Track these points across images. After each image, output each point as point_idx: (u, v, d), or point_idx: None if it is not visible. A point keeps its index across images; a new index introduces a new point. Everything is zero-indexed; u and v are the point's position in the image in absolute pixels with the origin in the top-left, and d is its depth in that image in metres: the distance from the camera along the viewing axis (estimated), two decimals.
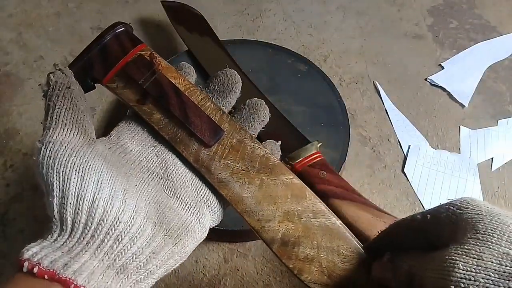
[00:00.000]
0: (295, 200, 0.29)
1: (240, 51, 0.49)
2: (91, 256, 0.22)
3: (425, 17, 0.60)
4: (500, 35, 0.58)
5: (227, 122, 0.30)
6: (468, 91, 0.52)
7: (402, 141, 0.48)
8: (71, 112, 0.26)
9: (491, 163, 0.47)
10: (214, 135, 0.29)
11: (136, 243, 0.23)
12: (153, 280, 0.24)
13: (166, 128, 0.30)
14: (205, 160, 0.29)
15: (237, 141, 0.29)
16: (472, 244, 0.20)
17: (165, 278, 0.39)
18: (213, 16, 0.58)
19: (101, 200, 0.23)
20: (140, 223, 0.24)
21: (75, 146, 0.24)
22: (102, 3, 0.60)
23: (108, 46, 0.30)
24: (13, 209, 0.42)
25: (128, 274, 0.23)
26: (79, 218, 0.23)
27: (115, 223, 0.23)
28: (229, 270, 0.40)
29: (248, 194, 0.28)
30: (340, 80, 0.53)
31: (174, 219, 0.25)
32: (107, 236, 0.23)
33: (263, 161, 0.29)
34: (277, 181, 0.29)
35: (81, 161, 0.24)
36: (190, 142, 0.29)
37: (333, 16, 0.60)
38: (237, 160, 0.29)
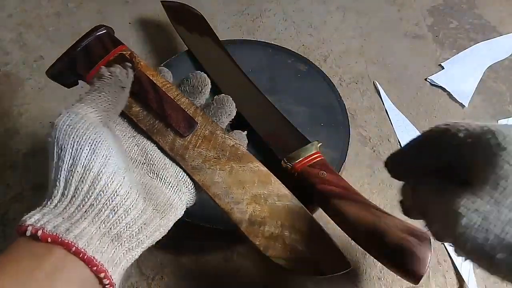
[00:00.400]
0: (262, 185, 0.32)
1: (240, 51, 0.49)
2: (89, 224, 0.24)
3: (425, 17, 0.60)
4: (500, 35, 0.58)
5: (200, 116, 0.33)
6: (468, 91, 0.52)
7: (402, 141, 0.48)
8: (106, 103, 0.29)
9: None
10: (188, 126, 0.32)
11: (129, 214, 0.26)
12: (142, 249, 0.27)
13: (144, 120, 0.33)
14: (179, 149, 0.32)
15: (209, 132, 0.33)
16: (486, 195, 0.21)
17: (165, 278, 0.39)
18: (213, 16, 0.58)
19: (105, 174, 0.25)
20: (134, 197, 0.26)
21: (92, 123, 0.27)
22: (102, 3, 0.60)
23: (91, 46, 0.33)
24: (13, 209, 0.42)
25: (121, 242, 0.25)
26: (82, 186, 0.25)
27: (112, 196, 0.25)
28: (229, 270, 0.40)
29: (219, 179, 0.32)
30: (340, 80, 0.53)
31: (160, 196, 0.28)
32: (105, 206, 0.25)
33: (232, 150, 0.33)
34: (245, 168, 0.32)
35: (95, 136, 0.26)
36: (167, 132, 0.32)
37: (333, 16, 0.60)
38: (209, 149, 0.32)
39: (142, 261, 0.40)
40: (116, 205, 0.25)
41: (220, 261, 0.40)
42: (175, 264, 0.40)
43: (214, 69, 0.47)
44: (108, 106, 0.29)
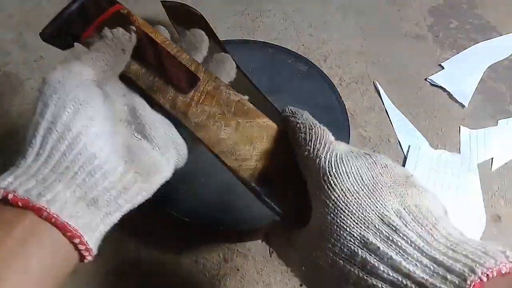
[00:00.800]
0: (272, 140, 0.30)
1: (240, 51, 0.49)
2: (64, 187, 0.23)
3: (425, 17, 0.60)
4: (500, 35, 0.58)
5: (202, 72, 0.31)
6: (468, 91, 0.52)
7: (402, 141, 0.48)
8: (104, 63, 0.28)
9: (491, 163, 0.47)
10: (190, 82, 0.31)
11: (108, 179, 0.25)
12: (121, 213, 0.26)
13: (143, 78, 0.31)
14: (181, 106, 0.30)
15: (213, 88, 0.31)
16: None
17: (165, 278, 0.39)
18: (213, 16, 0.58)
19: (86, 136, 0.24)
20: (114, 161, 0.25)
21: (84, 82, 0.26)
22: None
23: (86, 5, 0.32)
24: None
25: (99, 207, 0.24)
26: (59, 147, 0.24)
27: (91, 159, 0.24)
28: (229, 270, 0.40)
29: (225, 136, 0.30)
30: (340, 80, 0.53)
31: (145, 159, 0.27)
32: (81, 169, 0.24)
33: (238, 106, 0.31)
34: (253, 123, 0.30)
35: (83, 96, 0.25)
36: (167, 89, 0.31)
37: (333, 16, 0.60)
38: (213, 105, 0.30)
39: (142, 261, 0.40)
40: (94, 168, 0.24)
41: (220, 261, 0.40)
42: (175, 264, 0.40)
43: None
44: (105, 67, 0.28)
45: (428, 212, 0.23)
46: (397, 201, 0.23)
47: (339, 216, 0.23)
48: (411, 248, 0.21)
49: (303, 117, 0.29)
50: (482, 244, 0.21)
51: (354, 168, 0.24)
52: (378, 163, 0.25)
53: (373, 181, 0.24)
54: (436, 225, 0.22)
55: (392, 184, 0.24)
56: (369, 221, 0.22)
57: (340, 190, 0.23)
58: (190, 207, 0.39)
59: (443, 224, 0.22)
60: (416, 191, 0.24)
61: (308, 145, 0.27)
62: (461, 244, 0.21)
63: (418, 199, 0.23)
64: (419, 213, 0.22)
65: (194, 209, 0.39)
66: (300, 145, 0.27)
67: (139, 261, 0.40)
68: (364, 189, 0.23)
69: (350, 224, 0.22)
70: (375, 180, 0.24)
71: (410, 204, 0.23)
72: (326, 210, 0.23)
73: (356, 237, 0.22)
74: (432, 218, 0.22)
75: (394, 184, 0.24)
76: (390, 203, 0.23)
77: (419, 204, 0.23)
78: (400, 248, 0.21)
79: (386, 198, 0.23)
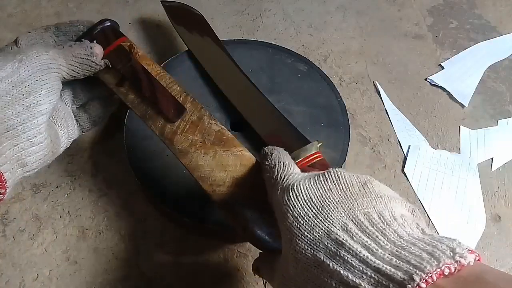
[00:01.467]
0: (243, 168, 0.33)
1: (240, 51, 0.49)
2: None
3: (425, 17, 0.60)
4: (500, 35, 0.58)
5: (189, 102, 0.35)
6: (468, 91, 0.52)
7: (402, 141, 0.48)
8: (75, 67, 0.35)
9: (491, 163, 0.47)
10: (177, 112, 0.35)
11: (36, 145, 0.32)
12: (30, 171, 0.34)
13: (138, 107, 0.36)
14: (169, 133, 0.34)
15: (197, 118, 0.35)
16: None
17: (165, 278, 0.39)
18: (213, 16, 0.58)
19: (43, 110, 0.32)
20: (43, 134, 0.33)
21: (56, 74, 0.34)
22: (102, 3, 0.60)
23: (96, 37, 0.37)
24: (13, 209, 0.42)
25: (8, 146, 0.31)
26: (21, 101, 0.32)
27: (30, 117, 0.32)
28: (229, 270, 0.40)
29: (203, 162, 0.33)
30: (340, 80, 0.53)
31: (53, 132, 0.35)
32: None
33: (218, 135, 0.34)
34: (229, 152, 0.34)
35: (56, 85, 0.33)
36: (158, 118, 0.35)
37: (333, 16, 0.60)
38: (195, 134, 0.34)
39: (142, 261, 0.40)
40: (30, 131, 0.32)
41: (220, 261, 0.40)
42: (175, 264, 0.40)
43: (214, 69, 0.47)
44: (74, 74, 0.35)
45: (379, 218, 0.23)
46: (344, 214, 0.24)
47: (294, 241, 0.24)
48: (357, 261, 0.21)
49: (271, 156, 0.31)
50: (432, 243, 0.21)
51: (304, 191, 0.26)
52: (330, 179, 0.26)
53: (321, 199, 0.25)
54: (385, 230, 0.22)
55: (341, 198, 0.25)
56: (319, 240, 0.23)
57: (293, 215, 0.25)
58: (190, 206, 0.39)
59: (394, 227, 0.22)
60: (368, 199, 0.24)
61: (270, 181, 0.29)
62: (407, 247, 0.21)
63: (369, 206, 0.24)
64: (367, 222, 0.23)
65: (194, 208, 0.39)
66: (267, 182, 0.30)
67: (138, 261, 0.40)
68: (313, 209, 0.24)
69: (304, 246, 0.23)
70: (323, 197, 0.25)
71: (358, 214, 0.23)
72: (285, 237, 0.25)
73: (311, 258, 0.23)
74: (381, 223, 0.23)
75: (344, 197, 0.25)
76: (337, 218, 0.23)
77: (369, 212, 0.24)
78: (347, 262, 0.21)
79: (333, 214, 0.24)
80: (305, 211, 0.25)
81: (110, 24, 0.38)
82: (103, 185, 0.44)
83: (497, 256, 0.41)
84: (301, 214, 0.25)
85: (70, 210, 0.42)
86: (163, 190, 0.40)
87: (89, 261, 0.40)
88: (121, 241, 0.41)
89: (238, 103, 0.44)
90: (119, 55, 0.37)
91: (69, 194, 0.43)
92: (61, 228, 0.42)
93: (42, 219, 0.42)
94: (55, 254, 0.40)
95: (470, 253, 0.20)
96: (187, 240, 0.41)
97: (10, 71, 0.32)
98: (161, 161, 0.41)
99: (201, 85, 0.47)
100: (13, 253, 0.40)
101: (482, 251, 0.41)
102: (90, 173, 0.45)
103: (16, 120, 0.32)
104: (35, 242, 0.41)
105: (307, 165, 0.38)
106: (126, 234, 0.41)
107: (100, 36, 0.37)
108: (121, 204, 0.43)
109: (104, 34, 0.37)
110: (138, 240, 0.41)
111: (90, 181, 0.44)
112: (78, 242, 0.41)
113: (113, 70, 0.36)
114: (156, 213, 0.42)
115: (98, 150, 0.46)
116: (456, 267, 0.19)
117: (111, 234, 0.41)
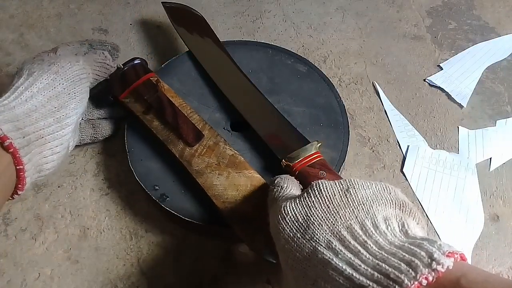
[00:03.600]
0: (253, 188, 0.37)
1: (240, 52, 0.50)
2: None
3: (423, 18, 0.60)
4: (499, 36, 0.58)
5: (207, 130, 0.40)
6: (467, 91, 0.52)
7: (401, 141, 0.48)
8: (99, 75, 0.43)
9: (490, 163, 0.47)
10: (196, 138, 0.39)
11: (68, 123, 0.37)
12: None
13: (161, 132, 0.40)
14: (187, 156, 0.39)
15: (213, 143, 0.40)
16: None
17: (166, 278, 0.39)
18: (213, 17, 0.59)
19: (69, 117, 0.37)
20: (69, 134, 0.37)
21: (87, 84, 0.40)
22: (103, 4, 0.60)
23: (127, 73, 0.43)
24: (15, 209, 0.43)
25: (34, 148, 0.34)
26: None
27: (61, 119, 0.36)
28: (229, 270, 0.40)
29: (217, 182, 0.37)
30: (339, 80, 0.53)
31: (68, 149, 0.39)
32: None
33: (231, 159, 0.39)
34: (241, 174, 0.38)
35: (84, 94, 0.39)
36: (178, 142, 0.40)
37: (332, 17, 0.60)
38: (211, 157, 0.39)
39: (143, 260, 0.40)
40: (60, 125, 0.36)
41: (220, 261, 0.40)
42: (175, 264, 0.40)
43: (214, 69, 0.48)
44: (97, 75, 0.41)
45: (361, 229, 0.24)
46: (328, 231, 0.24)
47: (290, 262, 0.25)
48: (342, 279, 0.22)
49: (274, 182, 0.33)
50: (411, 250, 0.21)
51: (291, 212, 0.27)
52: (313, 194, 0.27)
53: (306, 217, 0.26)
54: (365, 243, 0.23)
55: (324, 214, 0.25)
56: (309, 260, 0.24)
57: (284, 238, 0.26)
58: (190, 206, 0.39)
59: (375, 237, 0.23)
60: (350, 209, 0.25)
61: (269, 204, 0.32)
62: (387, 260, 0.21)
63: (351, 218, 0.25)
64: (349, 236, 0.24)
65: (194, 208, 0.39)
66: (268, 204, 0.32)
67: (139, 260, 0.40)
68: (301, 230, 0.25)
69: (298, 267, 0.24)
70: (308, 216, 0.26)
71: (341, 228, 0.24)
72: (281, 256, 0.26)
73: (307, 276, 0.24)
74: (363, 236, 0.23)
75: (327, 212, 0.25)
76: (323, 235, 0.24)
77: (351, 224, 0.24)
78: (334, 280, 0.22)
79: (318, 231, 0.25)
80: (294, 232, 0.25)
81: (140, 62, 0.44)
82: (104, 185, 0.44)
83: (495, 256, 0.41)
84: (291, 235, 0.25)
85: (72, 210, 0.43)
86: (163, 190, 0.40)
87: (90, 261, 0.40)
88: (122, 240, 0.41)
89: (238, 104, 0.45)
90: (147, 87, 0.42)
91: (71, 194, 0.44)
92: (62, 227, 0.42)
93: (44, 218, 0.42)
94: (56, 254, 0.40)
95: (449, 256, 0.20)
96: (187, 240, 0.41)
97: (46, 83, 0.35)
98: (161, 161, 0.42)
99: (201, 85, 0.47)
100: (14, 253, 0.40)
101: (481, 251, 0.42)
102: (92, 173, 0.45)
103: (46, 130, 0.34)
104: (37, 241, 0.41)
105: (307, 165, 0.38)
106: (127, 234, 0.41)
107: (131, 71, 0.43)
108: (122, 204, 0.43)
109: (134, 70, 0.43)
110: (138, 239, 0.41)
111: (91, 181, 0.45)
112: (80, 242, 0.41)
113: (140, 100, 0.42)
114: (157, 213, 0.43)
115: (100, 151, 0.46)
116: (434, 276, 0.20)
117: (112, 234, 0.42)
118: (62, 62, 0.37)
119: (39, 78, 0.35)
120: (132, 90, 0.42)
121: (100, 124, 0.44)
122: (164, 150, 0.41)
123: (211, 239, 0.41)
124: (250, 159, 0.41)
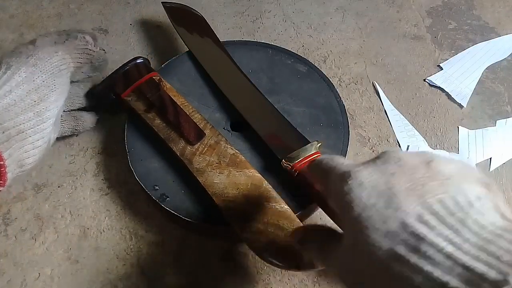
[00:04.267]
0: (254, 187, 0.37)
1: (240, 52, 0.50)
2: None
3: (423, 18, 0.60)
4: (499, 36, 0.58)
5: (209, 129, 0.40)
6: (467, 91, 0.52)
7: (401, 141, 0.48)
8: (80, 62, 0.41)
9: (489, 163, 0.47)
10: (198, 137, 0.39)
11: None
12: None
13: (163, 130, 0.40)
14: (188, 154, 0.39)
15: (215, 142, 0.39)
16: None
17: (166, 278, 0.39)
18: (213, 17, 0.59)
19: (49, 109, 0.36)
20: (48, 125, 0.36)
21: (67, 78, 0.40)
22: (103, 4, 0.60)
23: (129, 72, 0.43)
24: (15, 209, 0.43)
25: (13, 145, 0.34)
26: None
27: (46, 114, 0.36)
28: (229, 270, 0.40)
29: (218, 180, 0.37)
30: (339, 80, 0.53)
31: (49, 142, 0.38)
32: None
33: (232, 158, 0.39)
34: (241, 173, 0.38)
35: (65, 86, 0.38)
36: (180, 141, 0.40)
37: (332, 17, 0.60)
38: (212, 155, 0.39)
39: (143, 260, 0.40)
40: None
41: (220, 261, 0.40)
42: (175, 264, 0.40)
43: (214, 69, 0.48)
44: (77, 62, 0.40)
45: (455, 205, 0.21)
46: (418, 203, 0.21)
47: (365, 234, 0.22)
48: (442, 257, 0.19)
49: (319, 159, 0.29)
50: None
51: (369, 178, 0.23)
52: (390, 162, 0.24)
53: (388, 186, 0.23)
54: (464, 220, 0.20)
55: (409, 184, 0.22)
56: (395, 233, 0.21)
57: (359, 206, 0.23)
58: (190, 206, 0.39)
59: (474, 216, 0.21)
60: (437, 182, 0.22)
61: (323, 174, 0.28)
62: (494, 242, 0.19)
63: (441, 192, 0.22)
64: (443, 211, 0.21)
65: (194, 208, 0.39)
66: (320, 176, 0.29)
67: (139, 260, 0.40)
68: (382, 199, 0.22)
69: (378, 239, 0.21)
70: (390, 184, 0.23)
71: (431, 201, 0.21)
72: (352, 228, 0.23)
73: (388, 251, 0.21)
74: (459, 212, 0.21)
75: (411, 182, 0.22)
76: (411, 208, 0.21)
77: (443, 198, 0.21)
78: (430, 258, 0.20)
79: (406, 203, 0.22)
80: (372, 201, 0.22)
81: (143, 61, 0.44)
82: (104, 185, 0.44)
83: None
84: (371, 202, 0.22)
85: (72, 210, 0.43)
86: (163, 190, 0.40)
87: (91, 261, 0.40)
88: (122, 240, 0.41)
89: (238, 104, 0.45)
90: (149, 86, 0.42)
91: (71, 194, 0.44)
92: (62, 227, 0.42)
93: (44, 218, 0.42)
94: (56, 254, 0.40)
95: None
96: (187, 240, 0.41)
97: (24, 76, 0.34)
98: (161, 161, 0.42)
99: (201, 85, 0.47)
100: (14, 253, 0.40)
101: None
102: (92, 173, 0.45)
103: (26, 125, 0.33)
104: (37, 241, 0.41)
105: (307, 165, 0.38)
106: (127, 234, 0.42)
107: (134, 70, 0.43)
108: (122, 203, 0.43)
109: (137, 68, 0.43)
110: (138, 239, 0.41)
111: (91, 181, 0.45)
112: (80, 242, 0.41)
113: (142, 98, 0.42)
114: (157, 213, 0.43)
115: (99, 150, 0.46)
116: None
117: (112, 234, 0.42)
118: (40, 54, 0.36)
119: (17, 72, 0.34)
120: (135, 89, 0.42)
121: (82, 116, 0.43)
122: (164, 150, 0.41)
123: (211, 239, 0.41)
124: (250, 159, 0.41)
